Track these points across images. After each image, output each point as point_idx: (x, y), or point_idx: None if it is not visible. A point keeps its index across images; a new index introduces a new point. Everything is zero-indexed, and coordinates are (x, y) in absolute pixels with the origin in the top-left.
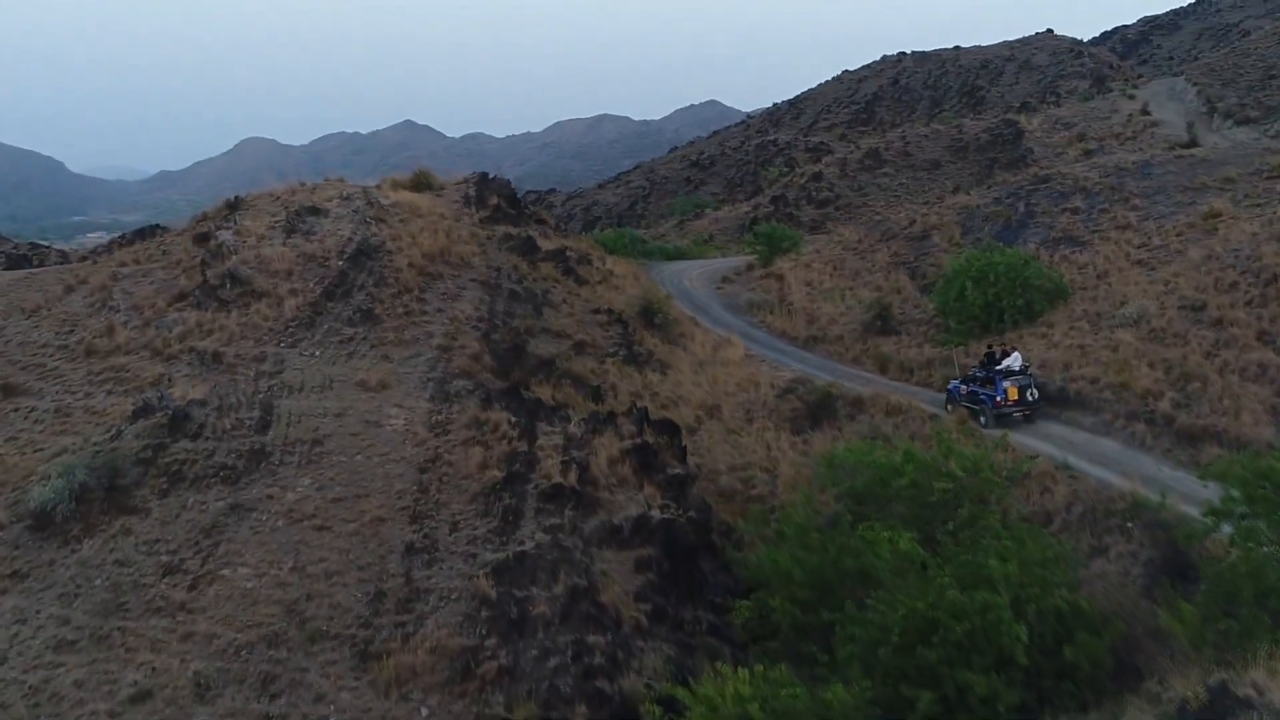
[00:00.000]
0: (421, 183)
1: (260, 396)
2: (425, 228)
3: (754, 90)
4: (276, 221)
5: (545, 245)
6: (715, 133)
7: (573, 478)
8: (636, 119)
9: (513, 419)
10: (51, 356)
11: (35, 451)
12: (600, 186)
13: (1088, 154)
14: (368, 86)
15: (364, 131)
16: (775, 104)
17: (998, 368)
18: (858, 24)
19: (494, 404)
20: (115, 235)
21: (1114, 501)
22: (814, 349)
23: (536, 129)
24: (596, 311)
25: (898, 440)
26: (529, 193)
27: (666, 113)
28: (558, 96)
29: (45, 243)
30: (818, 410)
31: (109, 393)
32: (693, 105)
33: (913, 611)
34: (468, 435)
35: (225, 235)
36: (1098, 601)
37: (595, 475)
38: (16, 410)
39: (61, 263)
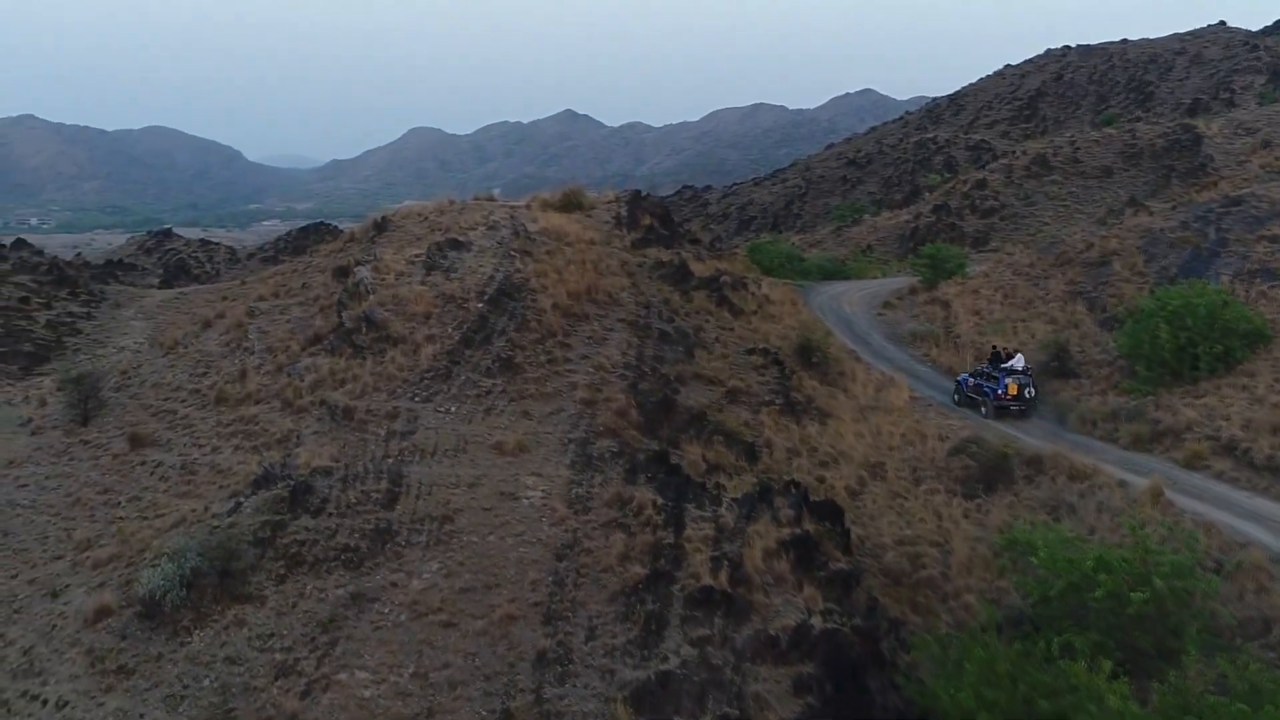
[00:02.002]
0: (571, 202)
1: (389, 462)
2: (572, 260)
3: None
4: (416, 256)
5: (698, 270)
6: (873, 129)
7: (724, 578)
8: (791, 108)
9: (658, 501)
10: (183, 402)
11: (156, 517)
12: (756, 183)
13: None
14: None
15: (525, 121)
16: (934, 99)
17: (1002, 366)
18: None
19: (639, 475)
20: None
21: None
22: None
23: (693, 118)
24: (751, 351)
25: (1082, 512)
26: (685, 188)
27: (821, 101)
28: (714, 85)
29: (216, 240)
30: (992, 472)
31: (236, 448)
32: (848, 94)
33: None
34: (609, 516)
35: (363, 272)
36: None
37: (749, 573)
38: (144, 464)
39: (230, 260)
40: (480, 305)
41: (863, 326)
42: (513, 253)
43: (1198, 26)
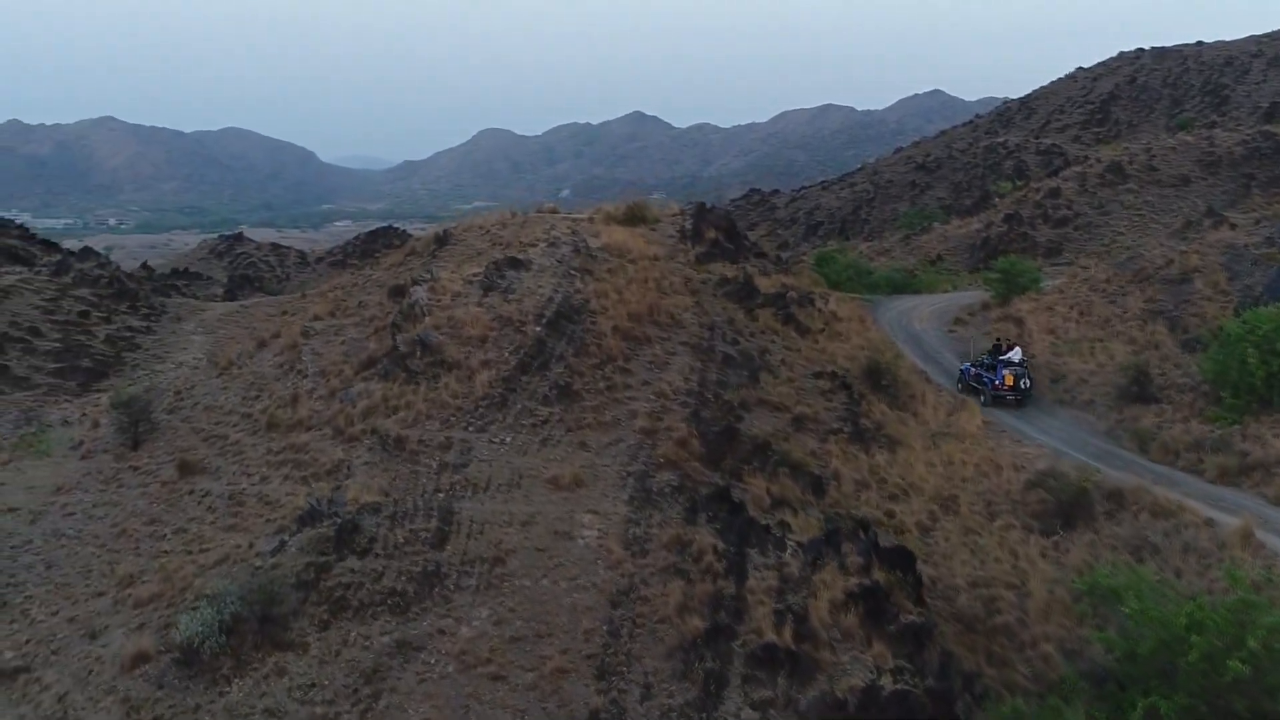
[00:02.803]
0: (635, 215)
1: (440, 498)
2: (634, 278)
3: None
4: (474, 276)
5: (764, 286)
6: (942, 132)
7: (788, 634)
8: (860, 109)
9: (719, 546)
10: (235, 426)
11: (201, 552)
12: (824, 187)
13: None
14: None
15: (594, 122)
16: (1004, 101)
17: (1001, 358)
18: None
19: (700, 513)
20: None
21: None
22: (1059, 414)
23: (761, 119)
24: (819, 375)
25: (1167, 553)
26: (752, 191)
27: (890, 102)
28: (783, 85)
29: (286, 245)
30: (1071, 507)
31: (285, 478)
32: (916, 95)
33: None
34: (668, 560)
35: (419, 293)
36: None
37: (814, 628)
38: (192, 493)
39: (300, 264)
40: (538, 329)
41: (933, 344)
42: (573, 272)
43: (1276, 29)
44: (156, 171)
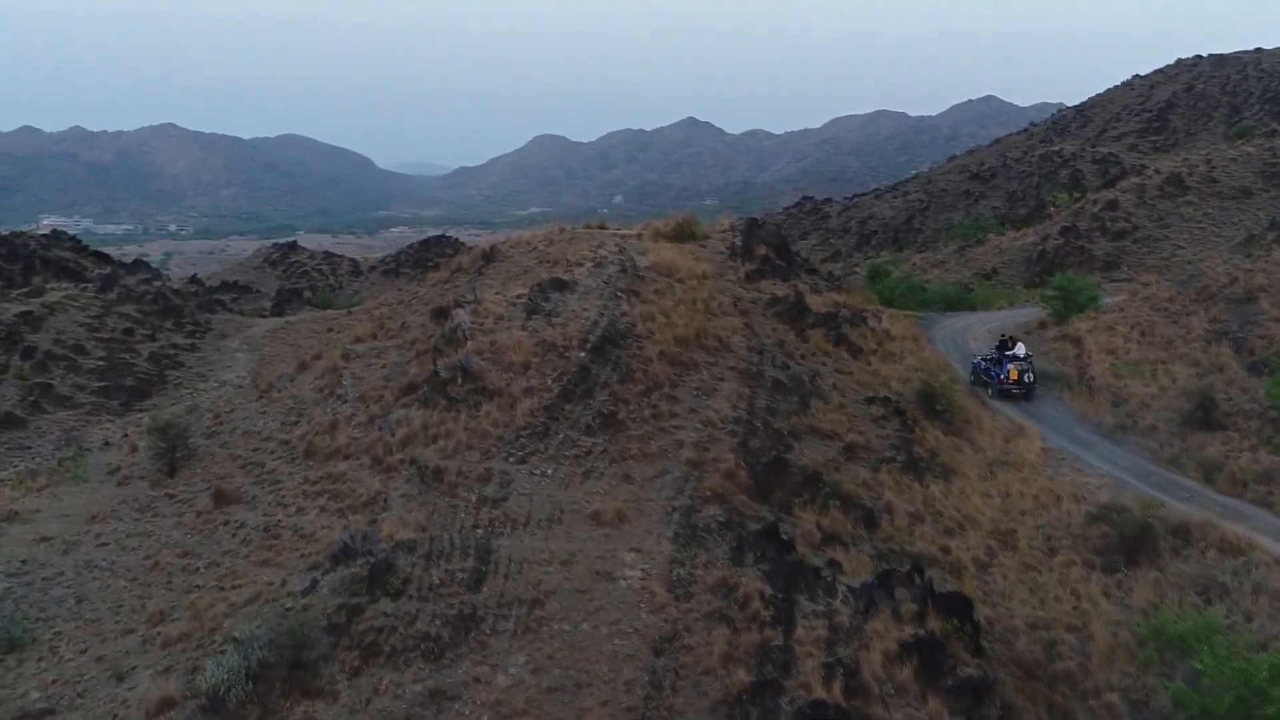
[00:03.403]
0: (684, 231)
1: (478, 534)
2: (682, 300)
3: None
4: (518, 298)
5: (815, 305)
6: (997, 140)
7: (838, 690)
8: (913, 115)
9: (766, 591)
10: (272, 454)
11: (233, 588)
12: (877, 196)
13: None
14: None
15: (648, 129)
16: (1058, 107)
17: (1007, 354)
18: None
19: (747, 553)
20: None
21: None
22: (1121, 440)
23: (814, 125)
24: (871, 400)
25: (1237, 594)
26: (804, 199)
27: (943, 108)
28: (835, 91)
29: (339, 254)
30: (1134, 542)
31: (321, 509)
32: (970, 100)
33: None
34: (713, 605)
35: (461, 316)
36: None
37: (866, 682)
38: (226, 524)
39: (353, 273)
40: (582, 354)
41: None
42: (619, 293)
43: None
44: (216, 178)
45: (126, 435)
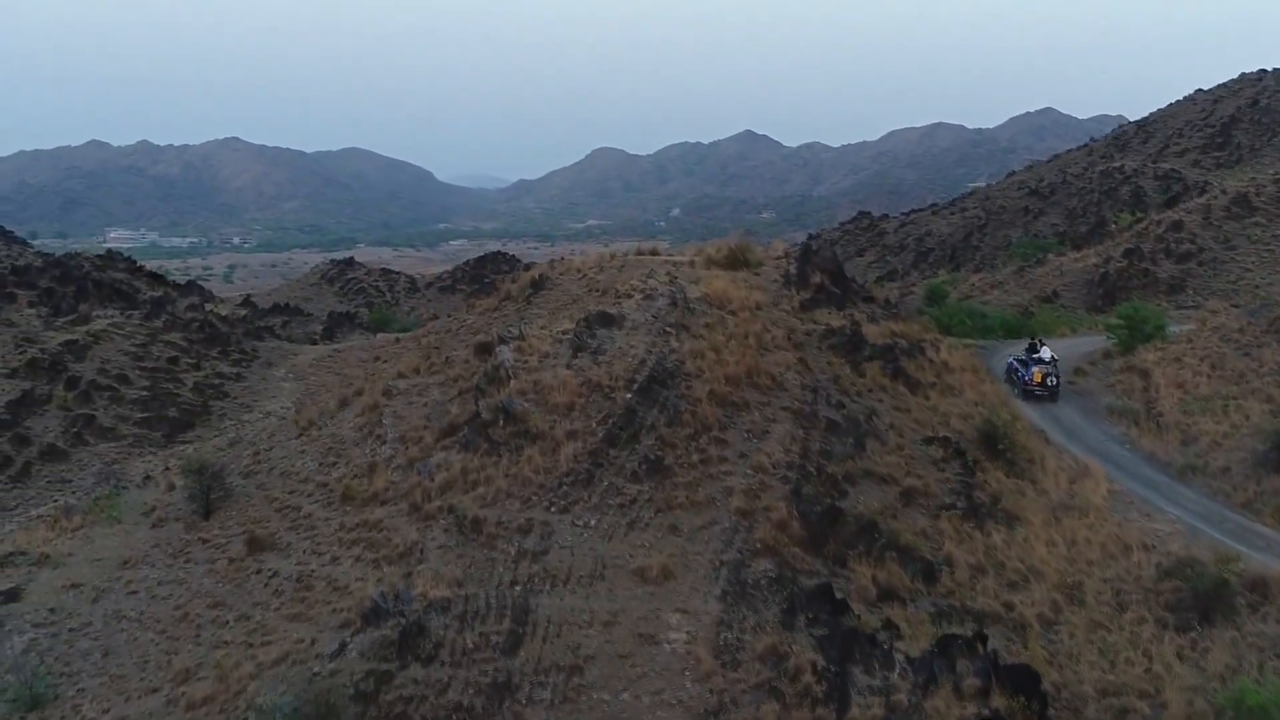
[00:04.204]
0: (737, 258)
1: (516, 592)
2: (734, 334)
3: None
4: (563, 334)
5: (872, 336)
6: (1056, 156)
7: None
8: (970, 127)
9: (818, 663)
10: (309, 496)
11: (262, 645)
12: (934, 211)
13: None
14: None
15: (705, 141)
16: (1118, 119)
17: (1034, 356)
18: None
19: (799, 614)
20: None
21: None
22: (1191, 482)
23: (871, 137)
24: (930, 441)
25: None
26: (861, 214)
27: (1000, 120)
28: (893, 103)
29: (396, 270)
30: (1209, 599)
31: (356, 559)
32: (1028, 113)
33: None
34: (762, 676)
35: (505, 353)
36: None
37: None
38: (259, 573)
39: (409, 289)
40: (629, 395)
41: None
42: (668, 329)
43: None
44: (279, 191)
45: (167, 469)
